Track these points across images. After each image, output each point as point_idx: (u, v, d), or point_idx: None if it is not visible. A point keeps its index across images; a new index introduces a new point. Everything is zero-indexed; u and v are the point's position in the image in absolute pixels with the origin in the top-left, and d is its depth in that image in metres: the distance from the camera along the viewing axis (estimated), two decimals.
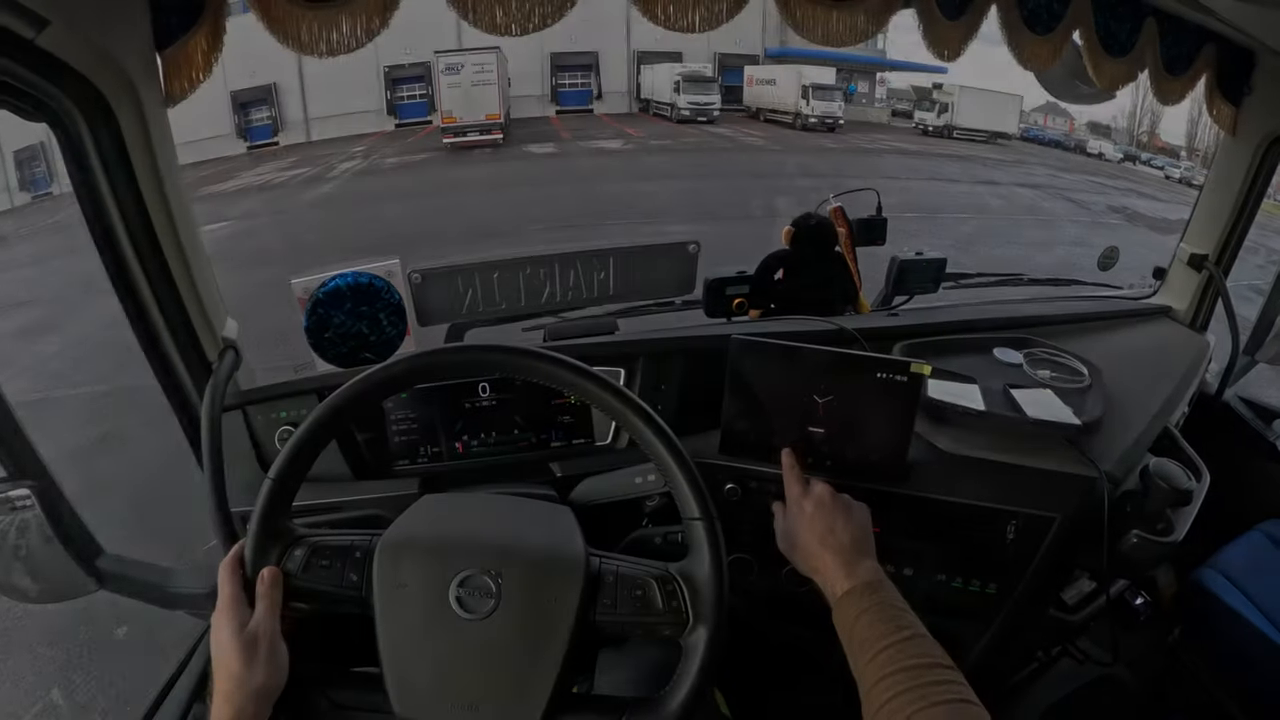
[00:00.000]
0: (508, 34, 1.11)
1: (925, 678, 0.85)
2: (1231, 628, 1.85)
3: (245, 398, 1.44)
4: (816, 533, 1.09)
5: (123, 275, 1.22)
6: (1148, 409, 1.56)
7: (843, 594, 1.01)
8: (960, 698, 0.83)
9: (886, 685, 0.86)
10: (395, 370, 1.01)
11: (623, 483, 1.36)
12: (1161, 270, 2.24)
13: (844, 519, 1.11)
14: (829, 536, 1.08)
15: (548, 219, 11.48)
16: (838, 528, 1.09)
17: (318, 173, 17.74)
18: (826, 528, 1.09)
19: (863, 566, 1.04)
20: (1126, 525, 1.32)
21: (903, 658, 0.88)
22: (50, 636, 3.16)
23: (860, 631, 0.95)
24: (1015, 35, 1.42)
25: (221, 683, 0.89)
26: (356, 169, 18.11)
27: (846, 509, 1.13)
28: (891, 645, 0.90)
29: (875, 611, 0.96)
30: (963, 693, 0.84)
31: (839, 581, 1.03)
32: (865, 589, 1.00)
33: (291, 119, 25.23)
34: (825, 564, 1.06)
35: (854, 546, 1.07)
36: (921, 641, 0.91)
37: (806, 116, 26.81)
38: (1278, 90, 1.76)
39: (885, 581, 1.02)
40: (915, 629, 0.93)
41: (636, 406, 1.01)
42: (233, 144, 22.78)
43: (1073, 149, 33.66)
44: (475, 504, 1.16)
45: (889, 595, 0.99)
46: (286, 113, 25.19)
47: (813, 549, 1.09)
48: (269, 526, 0.97)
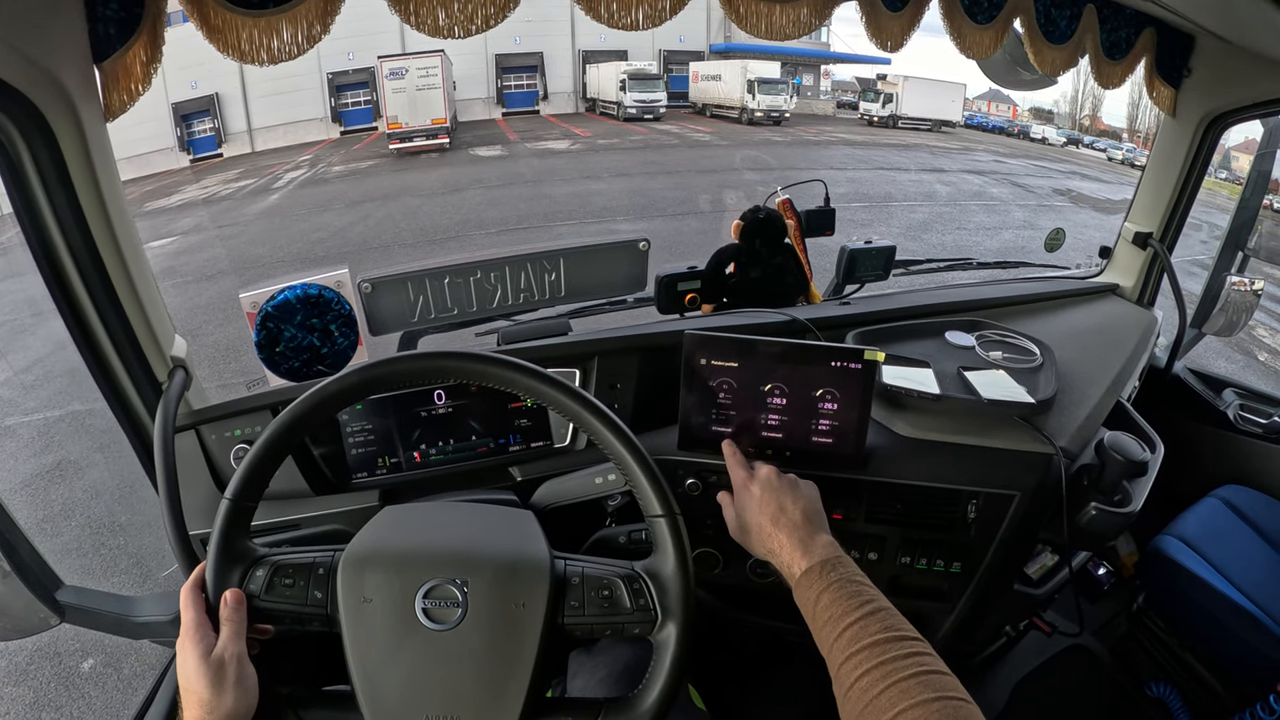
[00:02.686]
0: (451, 36, 1.11)
1: (892, 651, 0.85)
2: (1193, 591, 1.91)
3: (198, 417, 1.42)
4: (768, 514, 1.09)
5: (66, 296, 1.19)
6: (1099, 384, 1.59)
7: (801, 574, 1.01)
8: (928, 669, 0.83)
9: (855, 663, 0.86)
10: (349, 381, 0.99)
11: (584, 483, 1.35)
12: (1108, 249, 2.29)
13: (792, 497, 1.11)
14: (780, 516, 1.08)
15: (498, 222, 11.43)
16: (788, 506, 1.09)
17: (264, 184, 17.42)
18: (777, 508, 1.09)
19: (818, 542, 1.04)
20: (1085, 498, 1.36)
21: (867, 634, 0.88)
22: (15, 676, 3.06)
23: (822, 610, 0.95)
24: (956, 25, 1.45)
25: (190, 710, 0.87)
26: (303, 178, 17.79)
27: (794, 486, 1.13)
28: (855, 621, 0.90)
29: (836, 588, 0.95)
30: (930, 663, 0.84)
31: (796, 561, 1.02)
32: (823, 567, 0.99)
33: (235, 129, 24.72)
34: (780, 544, 1.06)
35: (807, 523, 1.07)
36: (885, 615, 0.91)
37: (753, 111, 26.92)
38: (1215, 71, 1.82)
39: (843, 557, 1.02)
40: (877, 602, 0.93)
41: (592, 406, 1.01)
42: (176, 157, 22.25)
43: (1017, 134, 34.33)
44: (436, 513, 1.14)
45: (848, 570, 0.99)
46: (230, 123, 24.67)
47: (766, 530, 1.08)
48: (229, 548, 0.95)
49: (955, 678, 0.83)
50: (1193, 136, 1.97)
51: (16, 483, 4.34)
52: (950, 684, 0.81)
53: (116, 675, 2.98)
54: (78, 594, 1.23)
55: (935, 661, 0.85)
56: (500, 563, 0.97)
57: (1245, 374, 6.42)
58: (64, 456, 4.69)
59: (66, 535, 3.89)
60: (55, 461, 4.64)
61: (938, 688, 0.80)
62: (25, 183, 1.08)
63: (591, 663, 1.37)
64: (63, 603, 1.19)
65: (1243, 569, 1.93)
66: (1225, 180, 11.88)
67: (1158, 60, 1.78)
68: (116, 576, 3.59)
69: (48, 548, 1.20)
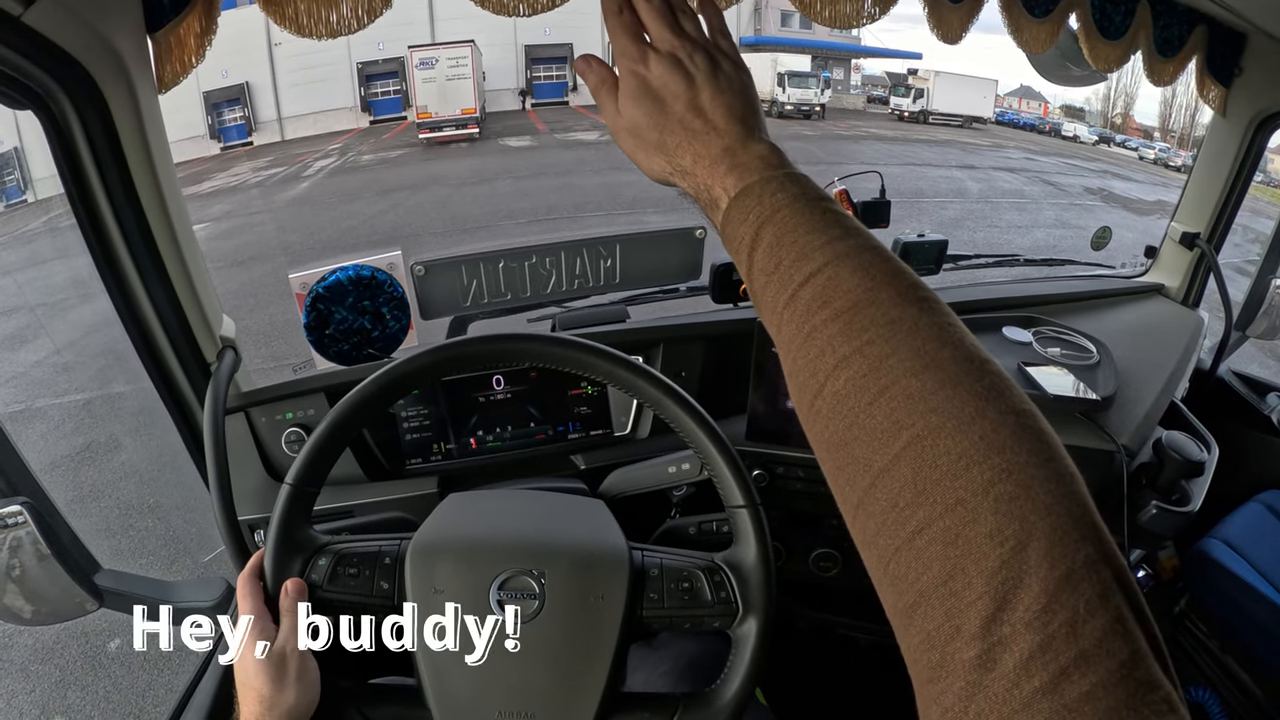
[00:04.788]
0: (516, 14, 1.06)
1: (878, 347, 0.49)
2: (1237, 596, 1.89)
3: (247, 399, 1.39)
4: (678, 110, 0.66)
5: (115, 272, 1.16)
6: (1154, 384, 1.58)
7: (730, 203, 0.61)
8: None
9: (819, 347, 0.51)
10: (421, 362, 0.97)
11: (656, 472, 1.32)
12: (1153, 249, 2.27)
13: (714, 85, 0.66)
14: (693, 112, 0.65)
15: (528, 213, 11.41)
16: (705, 97, 0.65)
17: (294, 172, 17.53)
18: (689, 99, 0.65)
19: (752, 150, 0.63)
20: (1144, 497, 1.35)
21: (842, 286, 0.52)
22: (42, 654, 3.10)
23: (761, 260, 0.58)
24: (1014, 19, 1.44)
25: (248, 705, 0.84)
26: (333, 167, 17.88)
27: (713, 69, 0.67)
28: (822, 267, 0.53)
29: (783, 219, 0.57)
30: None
31: (719, 177, 0.62)
32: (761, 187, 0.59)
33: (265, 118, 24.89)
34: (696, 153, 0.64)
35: (735, 121, 0.65)
36: (873, 255, 0.54)
37: (782, 104, 26.75)
38: (1267, 71, 1.79)
39: (794, 171, 0.62)
40: (857, 235, 0.56)
41: (674, 393, 0.98)
42: (206, 145, 22.46)
43: (1048, 132, 33.84)
44: (507, 501, 1.11)
45: (802, 188, 0.60)
46: (260, 112, 24.86)
47: (672, 132, 0.66)
48: (289, 535, 0.91)
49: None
50: (1242, 136, 1.94)
51: (47, 463, 4.34)
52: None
53: (144, 656, 2.98)
54: (116, 578, 1.20)
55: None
56: (578, 553, 0.94)
57: None
58: (94, 438, 4.71)
59: (95, 516, 3.90)
60: (86, 443, 4.67)
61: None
62: (76, 154, 1.06)
63: (654, 657, 1.33)
64: (102, 587, 1.16)
65: None
66: (1261, 183, 11.69)
67: (1209, 58, 1.76)
68: (144, 558, 3.62)
69: (79, 528, 1.17)
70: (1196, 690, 2.09)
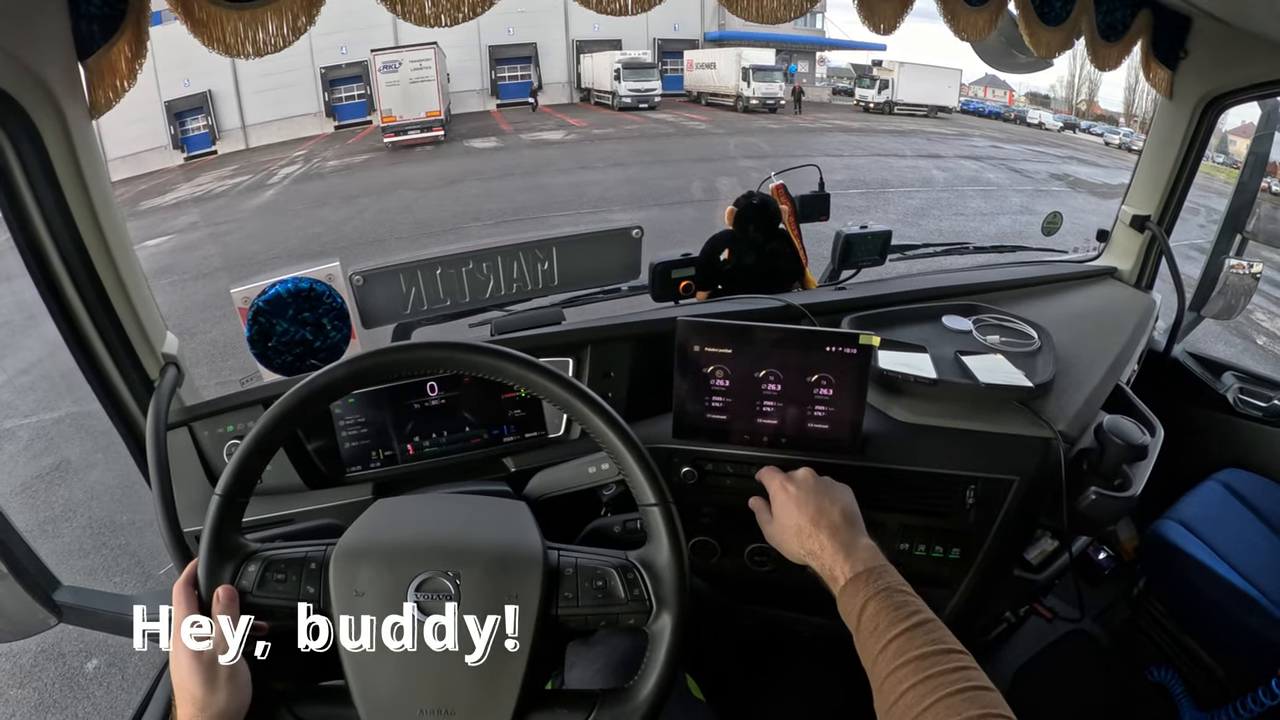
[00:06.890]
0: (437, 25, 1.11)
1: (939, 665, 0.85)
2: (1194, 576, 1.90)
3: (190, 414, 1.41)
4: (808, 514, 1.08)
5: (56, 296, 1.19)
6: (1098, 368, 1.58)
7: (846, 581, 1.00)
8: (975, 684, 0.83)
9: (900, 676, 0.86)
10: (338, 374, 0.99)
11: (577, 473, 1.35)
12: (1105, 233, 2.28)
13: (830, 497, 1.11)
14: (820, 517, 1.07)
15: (495, 214, 11.44)
16: (826, 507, 1.09)
17: (258, 180, 17.39)
18: (816, 509, 1.08)
19: (860, 547, 1.04)
20: (1084, 483, 1.35)
21: (913, 646, 0.88)
22: (19, 677, 3.06)
23: (868, 620, 0.94)
24: (950, 6, 1.44)
25: (184, 708, 0.87)
26: (298, 174, 17.76)
27: (830, 487, 1.13)
28: (901, 633, 0.90)
29: (882, 598, 0.95)
30: (976, 678, 0.84)
31: (839, 565, 1.02)
32: (869, 575, 0.98)
33: (229, 126, 24.65)
34: (821, 546, 1.05)
35: (847, 524, 1.07)
36: (931, 627, 0.91)
37: (748, 98, 26.82)
38: (1212, 53, 1.80)
39: (887, 565, 1.01)
40: (923, 614, 0.92)
41: (582, 394, 1.00)
42: (170, 155, 22.19)
43: (1013, 120, 34.13)
44: (428, 505, 1.14)
45: (893, 579, 0.98)
46: (223, 120, 24.61)
47: (806, 532, 1.07)
48: (220, 543, 0.94)
49: (999, 693, 0.83)
50: (1190, 119, 1.95)
51: (16, 485, 4.34)
52: (995, 700, 0.82)
53: (120, 675, 2.99)
54: (75, 594, 1.22)
55: (980, 676, 0.85)
56: (492, 554, 0.96)
57: (1243, 358, 6.42)
58: (63, 458, 4.69)
59: (68, 536, 3.86)
60: (55, 463, 4.64)
61: (984, 704, 0.80)
62: (11, 182, 1.08)
63: (589, 654, 1.36)
64: (60, 603, 1.19)
65: (1243, 553, 1.92)
66: (1222, 165, 11.85)
67: (1154, 42, 1.76)
68: (119, 576, 3.57)
69: (49, 549, 1.20)
70: (1158, 670, 2.11)
